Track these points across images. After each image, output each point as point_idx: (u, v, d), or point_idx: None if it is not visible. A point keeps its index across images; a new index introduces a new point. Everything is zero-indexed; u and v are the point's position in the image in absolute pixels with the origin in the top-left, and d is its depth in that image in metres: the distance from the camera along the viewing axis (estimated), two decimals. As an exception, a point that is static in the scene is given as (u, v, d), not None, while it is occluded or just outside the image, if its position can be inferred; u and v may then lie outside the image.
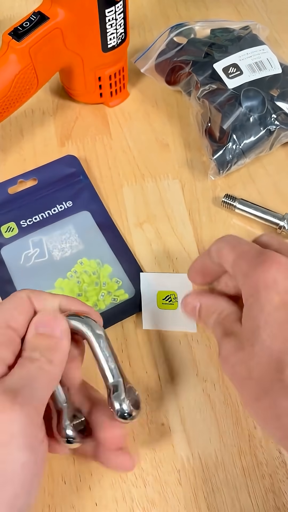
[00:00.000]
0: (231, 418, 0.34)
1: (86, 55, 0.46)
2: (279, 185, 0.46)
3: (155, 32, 0.57)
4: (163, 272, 0.41)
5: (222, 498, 0.32)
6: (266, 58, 0.47)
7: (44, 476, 0.32)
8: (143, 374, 0.36)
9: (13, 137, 0.50)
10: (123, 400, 0.27)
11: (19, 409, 0.22)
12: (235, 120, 0.44)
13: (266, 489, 0.32)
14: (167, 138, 0.50)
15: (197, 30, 0.51)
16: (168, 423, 0.34)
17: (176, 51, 0.50)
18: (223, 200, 0.43)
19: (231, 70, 0.46)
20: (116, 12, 0.44)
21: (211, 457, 0.33)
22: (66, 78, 0.50)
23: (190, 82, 0.48)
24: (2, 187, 0.45)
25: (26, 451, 0.22)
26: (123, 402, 0.27)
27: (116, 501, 0.32)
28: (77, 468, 0.33)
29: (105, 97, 0.51)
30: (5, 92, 0.42)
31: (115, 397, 0.27)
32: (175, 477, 0.32)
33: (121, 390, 0.27)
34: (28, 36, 0.41)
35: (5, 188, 0.45)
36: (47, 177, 0.45)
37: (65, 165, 0.46)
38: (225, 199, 0.43)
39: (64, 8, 0.42)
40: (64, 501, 0.32)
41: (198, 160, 0.48)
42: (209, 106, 0.45)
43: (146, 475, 0.32)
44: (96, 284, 0.40)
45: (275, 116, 0.45)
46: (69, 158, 0.46)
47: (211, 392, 0.35)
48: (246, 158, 0.45)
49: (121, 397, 0.27)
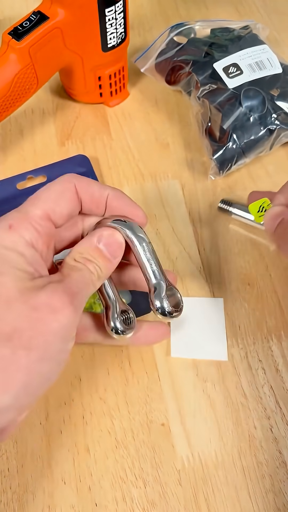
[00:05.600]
0: (231, 418, 0.34)
1: (86, 54, 0.46)
2: (279, 185, 0.46)
3: (155, 32, 0.57)
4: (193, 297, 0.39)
5: (222, 498, 0.32)
6: (266, 57, 0.47)
7: (44, 476, 0.32)
8: (143, 374, 0.36)
9: (13, 137, 0.50)
10: (163, 298, 0.29)
11: (73, 309, 0.25)
12: (235, 119, 0.44)
13: (266, 489, 0.32)
14: (167, 138, 0.50)
15: (197, 29, 0.51)
16: (168, 423, 0.34)
17: (176, 51, 0.50)
18: (219, 206, 0.43)
19: (231, 69, 0.46)
20: (116, 12, 0.44)
21: (211, 457, 0.33)
22: (66, 78, 0.50)
23: (190, 82, 0.48)
24: (11, 182, 0.45)
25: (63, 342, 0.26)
26: (164, 300, 0.29)
27: (116, 501, 0.32)
28: (77, 468, 0.33)
29: (105, 97, 0.51)
30: (5, 91, 0.42)
31: (156, 296, 0.29)
32: (175, 477, 0.32)
33: (162, 290, 0.29)
34: (28, 36, 0.41)
35: (14, 183, 0.45)
36: (56, 175, 0.45)
37: (76, 165, 0.46)
38: (221, 205, 0.43)
39: (64, 7, 0.42)
40: (64, 501, 0.32)
41: (198, 160, 0.48)
42: (209, 105, 0.45)
43: (146, 475, 0.32)
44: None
45: (275, 115, 0.45)
46: (80, 158, 0.46)
47: (211, 392, 0.35)
48: (246, 158, 0.45)
49: (161, 296, 0.29)
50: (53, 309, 0.25)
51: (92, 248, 0.29)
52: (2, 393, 0.23)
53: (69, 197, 0.29)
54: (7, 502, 0.32)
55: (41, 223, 0.28)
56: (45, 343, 0.24)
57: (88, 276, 0.28)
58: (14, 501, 0.32)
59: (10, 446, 0.33)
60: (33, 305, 0.25)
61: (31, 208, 0.28)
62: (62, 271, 0.28)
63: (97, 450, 0.33)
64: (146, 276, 0.30)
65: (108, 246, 0.29)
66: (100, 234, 0.29)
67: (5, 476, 0.32)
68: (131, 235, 0.30)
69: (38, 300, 0.25)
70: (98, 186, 0.30)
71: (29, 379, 0.24)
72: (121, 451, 0.33)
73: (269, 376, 0.36)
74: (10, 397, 0.23)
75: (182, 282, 0.40)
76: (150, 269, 0.30)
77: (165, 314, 0.29)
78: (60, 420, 0.34)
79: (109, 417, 0.34)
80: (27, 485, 0.32)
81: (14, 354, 0.24)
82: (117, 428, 0.34)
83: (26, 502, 0.32)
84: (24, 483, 0.32)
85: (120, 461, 0.33)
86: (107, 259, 0.29)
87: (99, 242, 0.29)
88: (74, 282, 0.27)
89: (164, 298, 0.29)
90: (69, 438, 0.34)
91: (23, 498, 0.32)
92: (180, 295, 0.31)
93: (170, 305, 0.29)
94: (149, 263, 0.30)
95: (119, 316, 0.30)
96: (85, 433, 0.34)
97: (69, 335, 0.26)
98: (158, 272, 0.30)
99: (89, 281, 0.28)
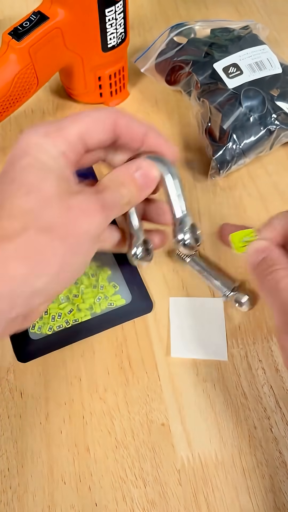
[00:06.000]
0: (231, 418, 0.34)
1: (86, 55, 0.46)
2: (279, 185, 0.46)
3: (155, 32, 0.57)
4: (193, 297, 0.39)
5: (222, 498, 0.32)
6: (266, 58, 0.47)
7: (44, 476, 0.32)
8: (143, 374, 0.36)
9: (13, 137, 0.50)
10: (186, 232, 0.32)
11: (103, 217, 0.28)
12: (235, 120, 0.44)
13: (266, 489, 0.32)
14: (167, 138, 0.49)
15: (197, 30, 0.51)
16: (168, 423, 0.34)
17: (176, 51, 0.50)
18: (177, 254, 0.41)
19: (231, 70, 0.46)
20: (116, 12, 0.44)
21: (211, 457, 0.33)
22: (66, 78, 0.50)
23: (190, 82, 0.48)
24: None
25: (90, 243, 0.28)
26: (187, 233, 0.32)
27: (116, 501, 0.32)
28: (77, 468, 0.33)
29: (105, 97, 0.51)
30: (5, 91, 0.42)
31: (179, 229, 0.32)
32: (175, 477, 0.32)
33: (186, 224, 0.32)
34: (28, 36, 0.41)
35: None
36: None
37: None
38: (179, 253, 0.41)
39: (64, 7, 0.42)
40: (64, 501, 0.32)
41: (198, 160, 0.48)
42: (209, 106, 0.45)
43: (146, 475, 0.32)
44: (94, 286, 0.39)
45: (275, 116, 0.45)
46: None
47: (211, 392, 0.35)
48: (246, 158, 0.45)
49: (184, 229, 0.32)
50: (86, 212, 0.27)
51: (128, 174, 0.31)
52: (38, 276, 0.25)
53: (106, 126, 0.31)
54: (7, 502, 0.32)
55: (75, 141, 0.29)
56: (77, 240, 0.27)
57: (119, 198, 0.30)
58: (14, 501, 0.32)
59: (10, 446, 0.33)
60: (69, 206, 0.27)
61: (69, 125, 0.30)
62: (98, 186, 0.30)
63: (97, 450, 0.33)
64: (173, 210, 0.32)
65: (143, 177, 0.31)
66: (139, 164, 0.32)
67: (5, 476, 0.32)
68: (165, 170, 0.32)
69: (74, 202, 0.27)
70: (137, 123, 0.32)
71: (62, 268, 0.26)
72: (121, 451, 0.33)
73: (269, 376, 0.36)
74: (43, 281, 0.26)
75: (182, 282, 0.40)
76: (177, 203, 0.32)
77: (186, 246, 0.32)
78: (60, 420, 0.34)
79: (109, 417, 0.34)
80: (27, 485, 0.32)
81: (52, 242, 0.26)
82: (117, 428, 0.34)
83: (26, 502, 0.32)
84: (24, 483, 0.32)
85: (120, 461, 0.33)
86: (139, 187, 0.31)
87: (136, 170, 0.31)
88: (107, 198, 0.29)
89: (187, 231, 0.32)
90: (69, 438, 0.34)
91: (23, 498, 0.32)
92: (200, 232, 0.33)
93: (191, 238, 0.32)
94: (178, 198, 0.32)
95: (141, 245, 0.34)
96: (85, 433, 0.34)
97: (96, 238, 0.29)
98: (184, 207, 0.32)
99: (119, 203, 0.30)
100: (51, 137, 0.29)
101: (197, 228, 0.32)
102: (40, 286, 0.26)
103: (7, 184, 0.27)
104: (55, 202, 0.27)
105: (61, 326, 0.38)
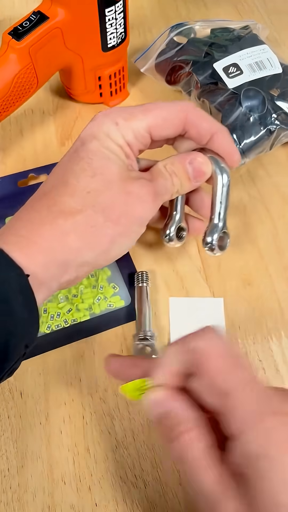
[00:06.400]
0: (231, 418, 0.34)
1: (86, 54, 0.46)
2: (279, 185, 0.46)
3: (155, 32, 0.57)
4: (193, 297, 0.39)
5: (222, 498, 0.32)
6: (266, 57, 0.47)
7: (44, 476, 0.32)
8: (143, 374, 0.36)
9: (13, 137, 0.50)
10: (214, 237, 0.34)
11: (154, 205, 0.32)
12: (235, 120, 0.44)
13: (266, 489, 0.32)
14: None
15: (197, 30, 0.51)
16: (168, 423, 0.34)
17: (176, 51, 0.50)
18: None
19: (231, 69, 0.46)
20: (116, 12, 0.44)
21: (211, 457, 0.33)
22: (66, 78, 0.50)
23: (190, 82, 0.48)
24: (12, 180, 0.45)
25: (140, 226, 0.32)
26: (215, 238, 0.34)
27: (116, 502, 0.32)
28: (77, 468, 0.33)
29: (105, 96, 0.51)
30: (5, 91, 0.42)
31: (210, 233, 0.34)
32: (175, 477, 0.32)
33: (217, 230, 0.34)
34: (28, 36, 0.41)
35: (15, 181, 0.45)
36: None
37: None
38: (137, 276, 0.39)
39: (64, 7, 0.42)
40: (64, 501, 0.32)
41: (198, 160, 0.48)
42: (209, 106, 0.45)
43: (146, 475, 0.32)
44: (94, 287, 0.39)
45: (275, 116, 0.45)
46: None
47: (211, 392, 0.35)
48: (246, 158, 0.45)
49: (214, 234, 0.34)
50: (141, 198, 0.31)
51: (182, 165, 0.33)
52: (89, 250, 0.29)
53: (176, 123, 0.32)
54: (7, 502, 0.32)
55: (142, 133, 0.32)
56: (129, 222, 0.30)
57: (169, 186, 0.33)
58: (14, 501, 0.32)
59: (10, 446, 0.33)
60: (128, 191, 0.30)
61: (140, 116, 0.32)
62: (152, 172, 0.32)
63: (97, 450, 0.33)
64: (213, 212, 0.34)
65: (196, 171, 0.33)
66: (194, 157, 0.33)
67: (5, 476, 0.32)
68: (219, 173, 0.34)
69: (132, 188, 0.30)
70: (209, 122, 0.33)
71: (110, 247, 0.30)
72: (121, 451, 0.33)
73: (269, 376, 0.36)
74: (93, 255, 0.30)
75: (182, 282, 0.40)
76: (218, 209, 0.34)
77: (211, 249, 0.34)
78: (60, 420, 0.34)
79: (109, 417, 0.34)
80: (27, 485, 0.32)
81: (105, 222, 0.29)
82: (117, 428, 0.34)
83: (26, 502, 0.32)
84: (24, 483, 0.32)
85: (120, 461, 0.33)
86: (190, 179, 0.33)
87: (190, 163, 0.33)
88: (160, 186, 0.32)
89: (215, 237, 0.34)
90: (69, 438, 0.34)
91: (23, 498, 0.32)
92: (229, 240, 0.35)
93: (217, 245, 0.34)
94: (220, 205, 0.34)
95: (176, 229, 0.36)
96: (85, 433, 0.34)
97: (145, 222, 0.32)
98: (223, 215, 0.34)
99: (169, 190, 0.33)
100: (120, 126, 0.31)
101: (228, 236, 0.35)
102: (90, 259, 0.30)
103: (75, 163, 0.31)
104: (116, 186, 0.30)
105: (60, 326, 0.38)
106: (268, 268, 0.41)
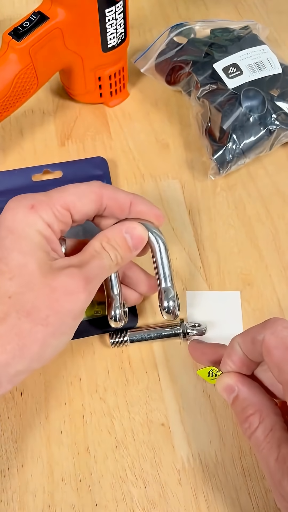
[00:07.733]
0: (231, 418, 0.34)
1: (86, 55, 0.46)
2: (279, 185, 0.46)
3: (155, 32, 0.57)
4: (209, 291, 0.40)
5: (222, 498, 0.32)
6: (266, 58, 0.47)
7: (44, 476, 0.32)
8: (143, 374, 0.36)
9: (13, 137, 0.50)
10: (171, 300, 0.34)
11: (87, 294, 0.29)
12: (235, 120, 0.44)
13: (266, 489, 0.32)
14: (167, 138, 0.50)
15: (197, 30, 0.51)
16: (168, 423, 0.34)
17: (176, 51, 0.50)
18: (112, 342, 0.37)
19: (231, 70, 0.46)
20: (116, 12, 0.44)
21: (211, 457, 0.33)
22: (66, 78, 0.50)
23: (190, 82, 0.48)
24: (27, 173, 0.45)
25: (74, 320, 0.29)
26: (170, 302, 0.34)
27: (116, 501, 0.32)
28: (77, 468, 0.33)
29: (105, 97, 0.51)
30: (5, 92, 0.42)
31: (165, 298, 0.34)
32: (175, 477, 0.32)
33: (171, 293, 0.34)
34: (28, 36, 0.41)
35: (29, 175, 0.45)
36: (73, 173, 0.45)
37: (94, 166, 0.46)
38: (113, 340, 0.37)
39: (64, 8, 0.42)
40: (64, 501, 0.32)
41: (198, 160, 0.48)
42: (209, 106, 0.45)
43: (146, 475, 0.32)
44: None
45: (275, 116, 0.45)
46: (99, 160, 0.46)
47: (211, 392, 0.35)
48: (246, 158, 0.45)
49: (169, 296, 0.34)
50: (70, 292, 0.28)
51: (119, 236, 0.32)
52: (19, 360, 0.27)
53: (93, 199, 0.32)
54: (7, 502, 0.32)
55: (61, 211, 0.30)
56: (59, 320, 0.28)
57: (107, 263, 0.31)
58: (14, 501, 0.32)
59: (10, 446, 0.33)
60: (52, 287, 0.28)
61: (56, 195, 0.31)
62: (84, 254, 0.31)
63: (97, 450, 0.33)
64: (160, 278, 0.34)
65: (134, 239, 0.32)
66: (129, 226, 0.32)
67: (5, 476, 0.32)
68: (154, 240, 0.34)
69: (57, 283, 0.28)
70: (123, 193, 0.33)
71: (43, 349, 0.28)
72: (121, 451, 0.33)
73: (269, 376, 0.36)
74: (25, 364, 0.27)
75: (182, 282, 0.40)
76: (163, 273, 0.34)
77: (170, 313, 0.34)
78: (60, 420, 0.34)
79: (109, 417, 0.34)
80: (27, 485, 0.32)
81: (32, 328, 0.27)
82: (117, 428, 0.34)
83: (26, 502, 0.32)
84: (24, 483, 0.32)
85: (120, 461, 0.33)
86: (129, 249, 0.32)
87: (126, 232, 0.32)
88: (93, 269, 0.30)
89: (171, 300, 0.34)
90: (69, 438, 0.34)
91: (23, 497, 0.32)
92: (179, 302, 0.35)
93: (176, 306, 0.34)
94: (166, 268, 0.34)
95: (119, 307, 0.34)
96: (85, 433, 0.34)
97: (80, 314, 0.29)
98: (169, 278, 0.34)
99: (107, 267, 0.31)
100: (37, 208, 0.30)
101: (177, 298, 0.34)
102: (22, 367, 0.27)
103: None
104: (37, 284, 0.28)
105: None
106: (268, 268, 0.41)
